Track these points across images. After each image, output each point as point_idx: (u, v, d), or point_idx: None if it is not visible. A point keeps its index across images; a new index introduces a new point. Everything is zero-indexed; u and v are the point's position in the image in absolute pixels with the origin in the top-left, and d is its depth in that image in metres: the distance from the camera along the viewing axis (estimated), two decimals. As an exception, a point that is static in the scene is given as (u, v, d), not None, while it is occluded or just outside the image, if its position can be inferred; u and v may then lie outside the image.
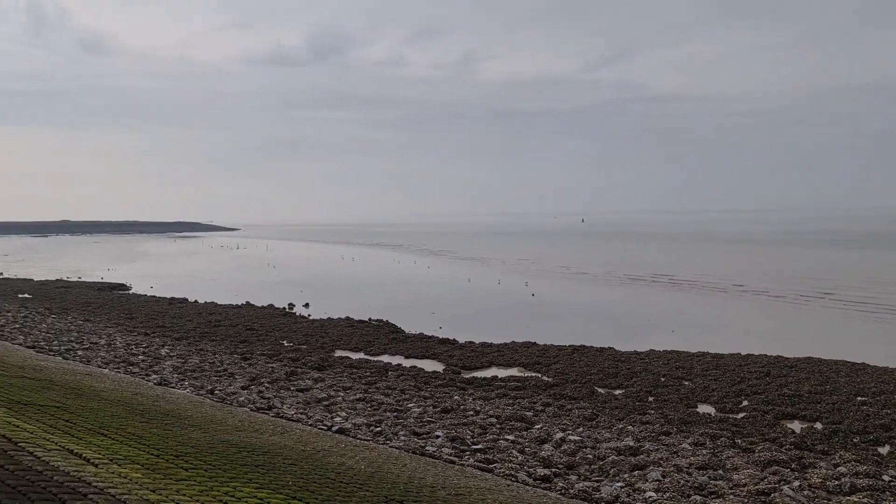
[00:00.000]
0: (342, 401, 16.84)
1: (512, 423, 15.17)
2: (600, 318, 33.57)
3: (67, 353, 20.69)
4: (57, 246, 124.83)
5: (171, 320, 30.65)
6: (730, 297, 41.94)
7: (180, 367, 19.95)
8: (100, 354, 20.98)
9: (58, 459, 6.22)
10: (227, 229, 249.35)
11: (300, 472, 7.90)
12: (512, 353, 23.88)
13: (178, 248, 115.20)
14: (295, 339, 26.36)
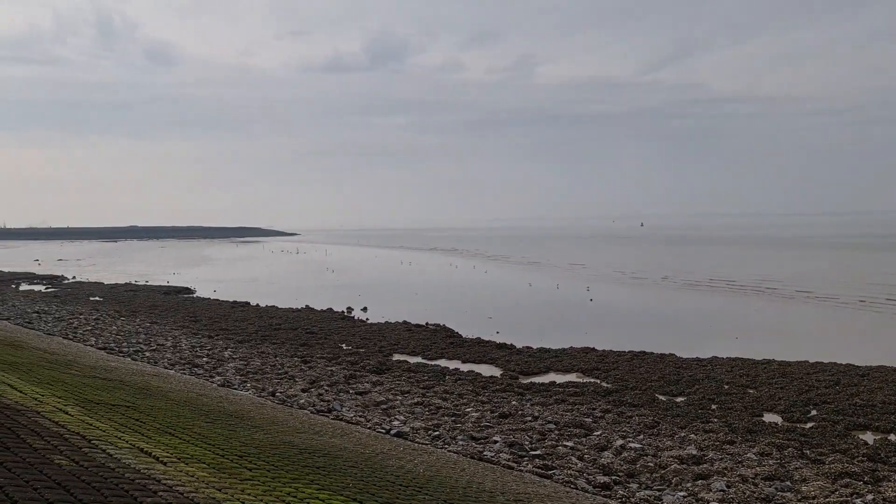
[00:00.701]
0: (400, 404, 16.95)
1: (571, 430, 15.02)
2: (660, 324, 32.96)
3: (136, 354, 21.38)
4: (126, 251, 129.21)
5: (233, 323, 31.36)
6: (796, 302, 40.68)
7: (243, 370, 20.39)
8: (166, 356, 21.61)
9: (129, 457, 6.42)
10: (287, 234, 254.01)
11: (360, 474, 7.98)
12: (570, 359, 23.64)
13: (240, 253, 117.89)
14: (353, 343, 26.65)
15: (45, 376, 11.55)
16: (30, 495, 4.69)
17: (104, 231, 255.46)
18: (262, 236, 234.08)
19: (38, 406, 8.34)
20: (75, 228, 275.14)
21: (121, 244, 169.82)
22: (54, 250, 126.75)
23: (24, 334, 21.83)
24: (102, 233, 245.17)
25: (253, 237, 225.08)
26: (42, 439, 6.54)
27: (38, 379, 10.98)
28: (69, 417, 7.95)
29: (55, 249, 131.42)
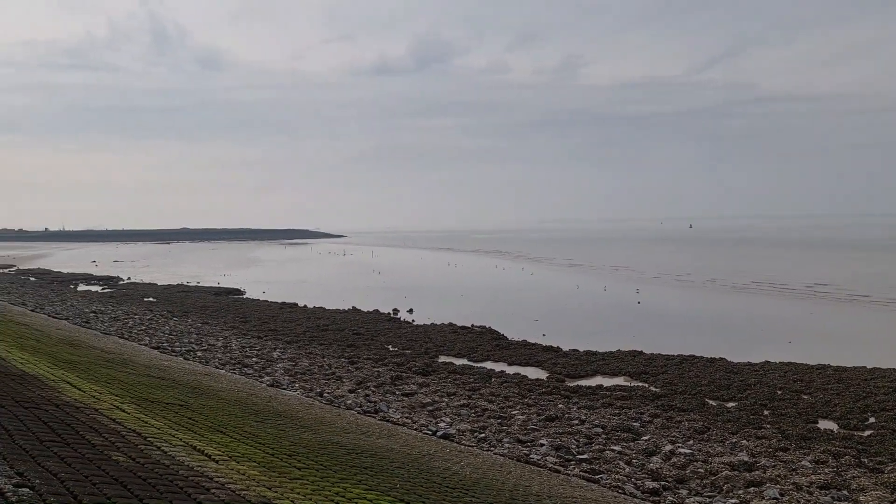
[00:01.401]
0: (446, 406, 16.98)
1: (618, 434, 14.85)
2: (710, 328, 32.36)
3: (188, 354, 21.86)
4: (178, 252, 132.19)
5: (282, 324, 31.82)
6: (853, 306, 39.50)
7: (291, 370, 20.68)
8: (217, 356, 22.05)
9: (183, 455, 6.57)
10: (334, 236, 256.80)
11: (407, 475, 8.02)
12: (617, 362, 23.38)
13: (289, 255, 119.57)
14: (400, 345, 26.80)
15: (102, 374, 11.89)
16: (89, 490, 4.83)
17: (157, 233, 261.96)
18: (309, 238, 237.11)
19: (95, 403, 8.60)
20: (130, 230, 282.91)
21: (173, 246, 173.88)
22: (110, 252, 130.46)
23: (81, 333, 22.51)
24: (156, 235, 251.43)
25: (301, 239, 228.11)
26: (100, 436, 6.74)
27: (95, 377, 11.32)
28: (125, 415, 8.18)
29: (111, 251, 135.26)
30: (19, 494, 4.48)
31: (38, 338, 16.91)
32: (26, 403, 7.71)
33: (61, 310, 32.81)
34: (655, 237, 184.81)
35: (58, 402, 8.16)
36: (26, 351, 13.00)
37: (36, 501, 4.40)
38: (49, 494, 4.57)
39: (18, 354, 12.07)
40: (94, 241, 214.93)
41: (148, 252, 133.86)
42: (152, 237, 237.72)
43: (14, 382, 9.08)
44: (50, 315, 29.49)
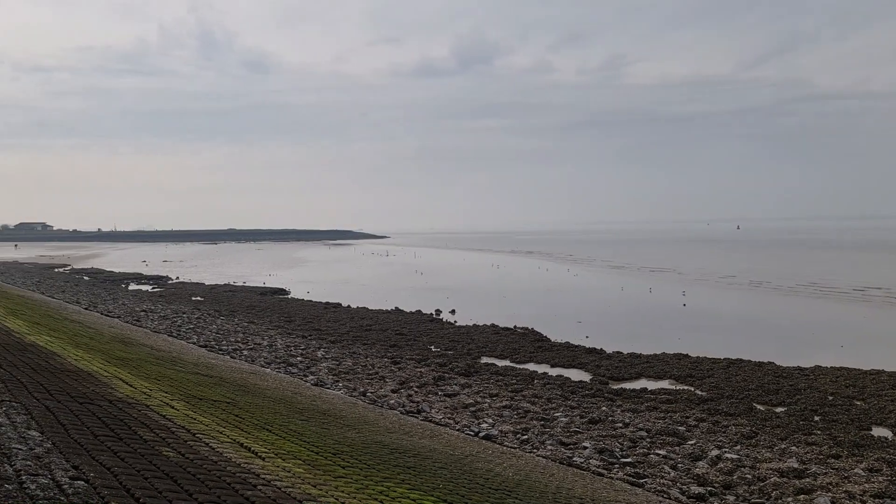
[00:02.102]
0: (488, 407, 16.97)
1: (663, 438, 14.65)
2: (758, 331, 31.70)
3: (234, 352, 22.25)
4: (225, 252, 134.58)
5: (326, 324, 32.16)
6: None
7: (335, 369, 20.89)
8: (262, 355, 22.39)
9: (230, 451, 6.70)
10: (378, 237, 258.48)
11: (450, 475, 8.04)
12: (662, 365, 23.07)
13: (333, 255, 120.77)
14: (442, 345, 26.85)
15: (153, 372, 12.18)
16: (141, 484, 4.96)
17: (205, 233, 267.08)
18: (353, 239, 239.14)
19: (146, 400, 8.82)
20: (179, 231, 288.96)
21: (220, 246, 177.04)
22: (160, 252, 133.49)
23: (132, 331, 23.08)
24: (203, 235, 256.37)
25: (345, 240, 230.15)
26: (151, 431, 6.91)
27: (146, 374, 11.60)
28: (175, 411, 8.37)
29: (160, 251, 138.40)
30: (75, 487, 4.63)
31: (92, 335, 17.39)
32: (81, 399, 7.95)
33: (113, 308, 33.70)
34: (702, 239, 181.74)
35: (111, 398, 8.39)
36: (81, 348, 13.40)
37: (91, 494, 4.54)
38: (103, 488, 4.71)
39: (73, 351, 12.44)
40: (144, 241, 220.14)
41: (196, 252, 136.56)
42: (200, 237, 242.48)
43: (69, 378, 9.36)
44: (102, 313, 30.31)
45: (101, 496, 4.51)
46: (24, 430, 5.98)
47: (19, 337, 13.20)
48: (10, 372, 8.79)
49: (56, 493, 4.42)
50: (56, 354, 11.53)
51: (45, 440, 5.76)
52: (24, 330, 14.79)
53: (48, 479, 4.68)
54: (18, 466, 4.87)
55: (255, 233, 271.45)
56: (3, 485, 4.41)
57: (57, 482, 4.65)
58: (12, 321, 16.46)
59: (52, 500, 4.26)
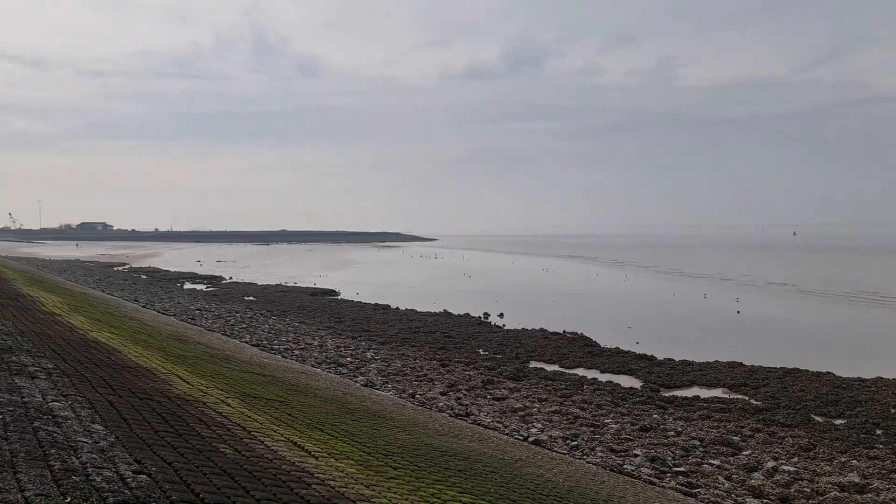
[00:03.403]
0: (538, 412, 16.87)
1: (717, 447, 14.35)
2: (816, 340, 30.81)
3: (286, 352, 22.57)
4: (276, 254, 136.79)
5: (375, 325, 32.41)
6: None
7: (384, 370, 21.03)
8: (313, 355, 22.67)
9: (284, 450, 6.79)
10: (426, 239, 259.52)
11: (500, 480, 8.02)
12: (715, 373, 22.60)
13: (381, 257, 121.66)
14: (490, 349, 26.80)
15: (208, 370, 12.45)
16: (200, 480, 5.07)
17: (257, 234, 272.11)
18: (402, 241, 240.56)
19: (203, 397, 9.01)
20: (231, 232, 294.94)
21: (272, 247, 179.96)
22: (213, 252, 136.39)
23: (187, 329, 23.61)
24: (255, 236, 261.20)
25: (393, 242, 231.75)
26: (208, 428, 7.06)
27: (202, 372, 11.86)
28: (230, 409, 8.53)
29: (214, 251, 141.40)
30: (138, 481, 4.75)
31: (150, 333, 17.86)
32: (141, 395, 8.17)
33: (169, 306, 34.54)
34: (756, 244, 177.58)
35: (169, 395, 8.60)
36: (139, 345, 13.76)
37: (153, 488, 4.66)
38: (164, 482, 4.82)
39: (133, 348, 12.78)
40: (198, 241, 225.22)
41: (248, 253, 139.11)
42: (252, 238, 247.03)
43: (129, 374, 9.63)
44: (159, 311, 31.09)
45: (163, 490, 4.62)
46: (88, 424, 6.17)
47: (82, 333, 13.63)
48: (74, 367, 9.08)
49: (120, 486, 4.55)
50: (117, 351, 11.87)
51: (109, 434, 5.93)
52: (87, 326, 15.27)
53: (112, 473, 4.82)
54: (84, 459, 5.03)
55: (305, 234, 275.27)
56: (71, 476, 4.56)
57: (121, 475, 4.79)
58: (75, 318, 17.01)
59: (117, 492, 4.39)
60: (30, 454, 4.89)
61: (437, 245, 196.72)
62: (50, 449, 5.11)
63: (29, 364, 8.62)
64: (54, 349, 10.40)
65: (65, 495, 4.17)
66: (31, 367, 8.46)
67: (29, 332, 11.77)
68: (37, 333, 11.93)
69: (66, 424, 5.98)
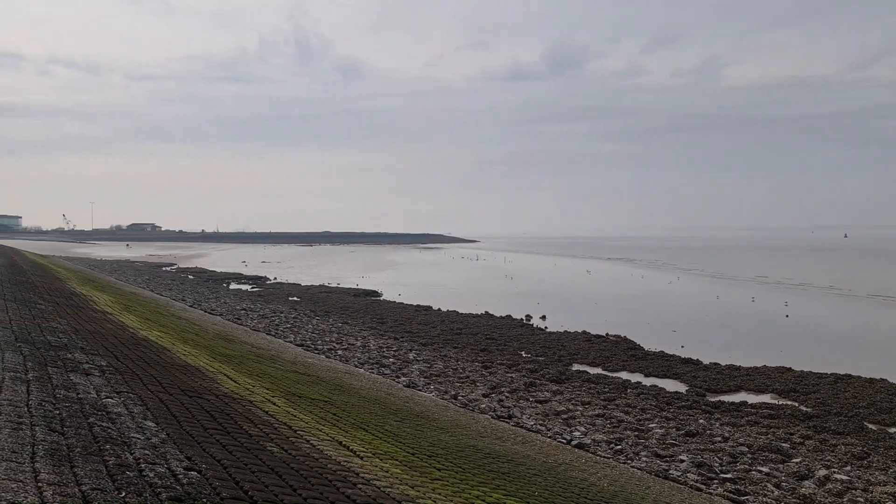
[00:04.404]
0: (581, 415, 16.72)
1: (765, 454, 14.04)
2: (869, 345, 29.94)
3: (329, 352, 22.79)
4: (319, 255, 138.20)
5: (417, 326, 32.51)
6: None
7: (426, 372, 21.08)
8: (356, 355, 22.84)
9: (329, 449, 6.85)
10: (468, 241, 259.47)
11: (544, 483, 7.96)
12: (763, 378, 22.12)
13: (423, 259, 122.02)
14: (532, 351, 26.66)
15: (254, 369, 12.63)
16: (248, 478, 5.14)
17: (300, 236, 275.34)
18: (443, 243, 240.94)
19: (250, 396, 9.14)
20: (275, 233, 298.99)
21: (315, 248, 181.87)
22: (258, 253, 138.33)
23: (233, 329, 24.01)
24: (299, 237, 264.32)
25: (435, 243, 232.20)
26: (255, 426, 7.16)
27: (248, 371, 12.04)
28: (276, 408, 8.64)
29: (259, 252, 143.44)
30: (189, 477, 4.84)
31: (197, 332, 18.19)
32: (190, 392, 8.32)
33: (216, 306, 35.15)
34: (806, 247, 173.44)
35: (217, 393, 8.75)
36: (188, 343, 14.03)
37: (203, 485, 4.74)
38: (214, 479, 4.90)
39: (181, 347, 13.04)
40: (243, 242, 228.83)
41: (292, 254, 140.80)
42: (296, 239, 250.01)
43: (178, 372, 9.82)
44: (206, 311, 31.67)
45: (213, 487, 4.70)
46: (140, 421, 6.31)
47: (133, 331, 13.96)
48: (126, 365, 9.30)
49: (172, 482, 4.64)
50: (166, 349, 12.12)
51: (160, 431, 6.05)
52: (137, 325, 15.63)
53: (164, 469, 4.92)
54: (137, 455, 5.14)
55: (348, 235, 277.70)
56: (125, 472, 4.67)
57: (172, 472, 4.88)
58: (126, 316, 17.43)
59: (169, 488, 4.48)
60: (85, 449, 5.02)
61: (478, 246, 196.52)
62: (104, 444, 5.24)
63: (83, 361, 8.85)
64: (107, 347, 10.66)
65: (119, 490, 4.27)
66: (85, 364, 8.69)
67: (83, 331, 12.09)
68: (90, 332, 12.25)
69: (119, 420, 6.13)
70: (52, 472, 4.35)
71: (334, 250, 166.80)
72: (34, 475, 4.24)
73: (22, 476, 4.17)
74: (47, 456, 4.67)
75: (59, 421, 5.67)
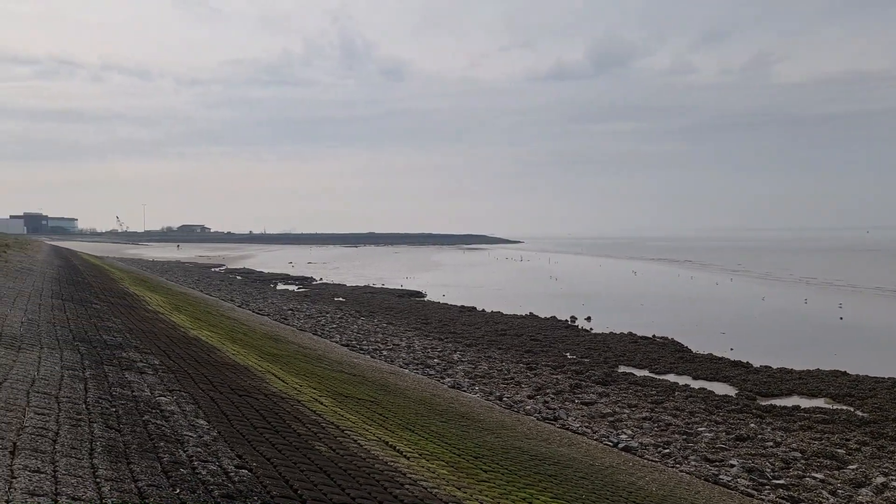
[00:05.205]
0: (627, 418, 16.52)
1: (820, 460, 13.67)
2: (929, 349, 28.92)
3: (374, 352, 22.95)
4: (364, 255, 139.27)
5: (461, 327, 32.52)
6: None
7: (471, 373, 21.07)
8: (401, 356, 22.95)
9: (377, 449, 6.89)
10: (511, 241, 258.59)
11: (591, 486, 7.88)
12: (816, 382, 21.54)
13: (467, 259, 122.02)
14: (578, 352, 26.43)
15: (302, 368, 12.78)
16: (298, 476, 5.20)
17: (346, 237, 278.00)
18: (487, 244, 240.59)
19: (298, 395, 9.25)
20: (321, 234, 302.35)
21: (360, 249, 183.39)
22: (304, 254, 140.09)
23: (281, 329, 24.34)
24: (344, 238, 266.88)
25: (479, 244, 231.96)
26: (304, 426, 7.24)
27: (295, 370, 12.19)
28: (324, 407, 8.73)
29: (305, 253, 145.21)
30: (240, 475, 4.92)
31: (246, 331, 18.50)
32: (240, 391, 8.46)
33: (263, 306, 35.70)
34: (860, 247, 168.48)
35: (265, 392, 8.87)
36: (237, 343, 14.27)
37: (254, 483, 4.81)
38: (264, 477, 4.97)
39: (231, 346, 13.27)
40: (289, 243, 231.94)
41: (337, 255, 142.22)
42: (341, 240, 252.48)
43: (228, 371, 9.99)
44: (253, 311, 32.19)
45: (264, 485, 4.77)
46: (192, 419, 6.44)
47: (184, 331, 14.25)
48: (178, 363, 9.50)
49: (224, 479, 4.72)
50: (216, 349, 12.35)
51: (212, 429, 6.17)
52: (188, 324, 15.96)
53: (216, 466, 5.01)
54: (190, 452, 5.25)
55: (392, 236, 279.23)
56: (179, 469, 4.77)
57: (224, 469, 4.97)
58: (177, 316, 17.81)
59: (221, 486, 4.55)
60: (141, 446, 5.14)
61: (522, 247, 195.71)
62: (159, 441, 5.36)
63: (137, 360, 9.07)
64: (159, 346, 10.91)
65: (174, 487, 4.36)
66: (139, 362, 8.90)
67: (136, 330, 12.39)
68: (143, 331, 12.55)
69: (172, 418, 6.26)
70: (110, 468, 4.46)
71: (379, 251, 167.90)
72: (93, 471, 4.36)
73: (81, 471, 4.29)
74: (105, 452, 4.80)
75: (115, 418, 5.82)
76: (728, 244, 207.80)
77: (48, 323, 10.88)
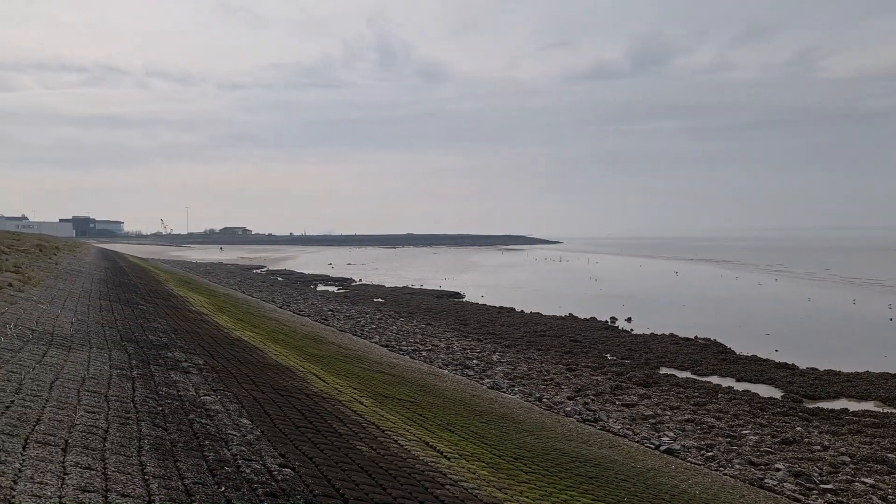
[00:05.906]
0: (669, 420, 16.32)
1: (870, 465, 13.32)
2: (985, 351, 27.95)
3: (413, 353, 23.03)
4: (403, 257, 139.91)
5: (500, 328, 32.46)
6: None
7: (510, 373, 21.02)
8: (440, 356, 23.00)
9: (417, 449, 6.92)
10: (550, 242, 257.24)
11: (633, 489, 7.81)
12: (866, 385, 21.00)
13: (505, 260, 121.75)
14: (618, 354, 26.19)
15: (342, 369, 12.89)
16: (339, 476, 5.25)
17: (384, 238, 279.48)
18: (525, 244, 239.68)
19: (338, 395, 9.34)
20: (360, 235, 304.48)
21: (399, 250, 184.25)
22: (344, 255, 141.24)
23: (321, 329, 24.58)
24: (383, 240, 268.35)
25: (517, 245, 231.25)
26: (345, 425, 7.30)
27: (336, 371, 12.30)
28: (364, 408, 8.79)
29: (344, 254, 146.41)
30: (283, 474, 4.98)
31: (287, 332, 18.72)
32: (282, 391, 8.57)
33: (304, 307, 36.10)
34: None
35: (307, 392, 8.97)
36: (278, 344, 14.46)
37: (297, 482, 4.87)
38: (307, 476, 5.03)
39: (273, 347, 13.45)
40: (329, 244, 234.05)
41: (376, 256, 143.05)
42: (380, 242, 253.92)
43: (270, 371, 10.13)
44: (294, 312, 32.57)
45: (306, 484, 4.83)
46: (236, 418, 6.54)
47: (227, 332, 14.49)
48: (221, 364, 9.67)
49: (267, 478, 4.79)
50: (258, 349, 12.53)
51: (255, 428, 6.26)
52: (231, 325, 16.22)
53: (260, 465, 5.08)
54: (234, 451, 5.34)
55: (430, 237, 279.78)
56: (224, 467, 4.85)
57: (267, 468, 5.04)
58: (220, 317, 18.12)
59: (265, 484, 4.62)
60: (187, 444, 5.25)
61: (561, 248, 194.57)
62: (204, 440, 5.47)
63: (182, 360, 9.25)
64: (203, 346, 11.11)
65: (219, 485, 4.44)
66: (184, 362, 9.08)
67: (181, 331, 12.64)
68: (187, 331, 12.80)
69: (216, 417, 6.38)
70: (157, 466, 4.57)
71: (417, 252, 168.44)
72: (141, 468, 4.47)
73: (130, 469, 4.40)
74: (152, 450, 4.91)
75: (161, 417, 5.95)
76: (775, 244, 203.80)
77: (97, 323, 11.16)
